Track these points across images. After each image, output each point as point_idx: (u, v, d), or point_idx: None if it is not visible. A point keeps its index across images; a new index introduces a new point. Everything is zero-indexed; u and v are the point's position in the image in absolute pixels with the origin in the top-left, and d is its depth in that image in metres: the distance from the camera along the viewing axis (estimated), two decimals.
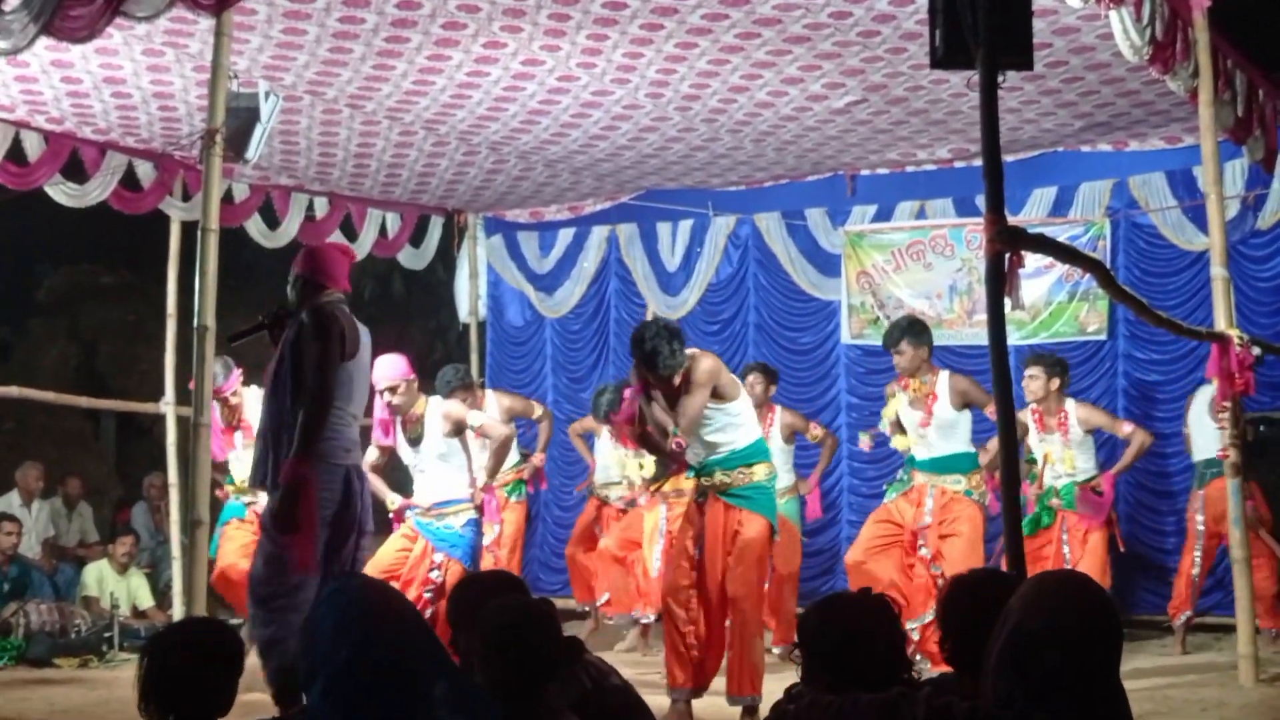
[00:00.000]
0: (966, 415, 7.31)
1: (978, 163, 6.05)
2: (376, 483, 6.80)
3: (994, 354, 4.61)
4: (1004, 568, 4.52)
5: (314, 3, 6.40)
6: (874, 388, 9.20)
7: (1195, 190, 8.73)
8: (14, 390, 9.55)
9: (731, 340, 10.58)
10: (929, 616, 6.81)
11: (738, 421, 6.16)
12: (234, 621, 8.80)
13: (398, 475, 7.26)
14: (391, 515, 6.96)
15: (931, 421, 7.24)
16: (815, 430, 8.70)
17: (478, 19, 6.64)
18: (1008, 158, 7.59)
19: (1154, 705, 6.14)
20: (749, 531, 6.03)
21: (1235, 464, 6.65)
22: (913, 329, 7.43)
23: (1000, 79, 4.58)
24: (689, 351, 6.09)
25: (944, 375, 7.37)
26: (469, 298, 11.60)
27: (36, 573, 8.99)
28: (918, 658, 6.66)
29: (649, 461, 7.97)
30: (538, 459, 9.01)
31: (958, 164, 9.60)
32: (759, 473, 6.14)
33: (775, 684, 3.18)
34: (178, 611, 7.83)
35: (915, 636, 6.87)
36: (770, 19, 6.68)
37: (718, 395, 6.07)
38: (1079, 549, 7.79)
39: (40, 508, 10.14)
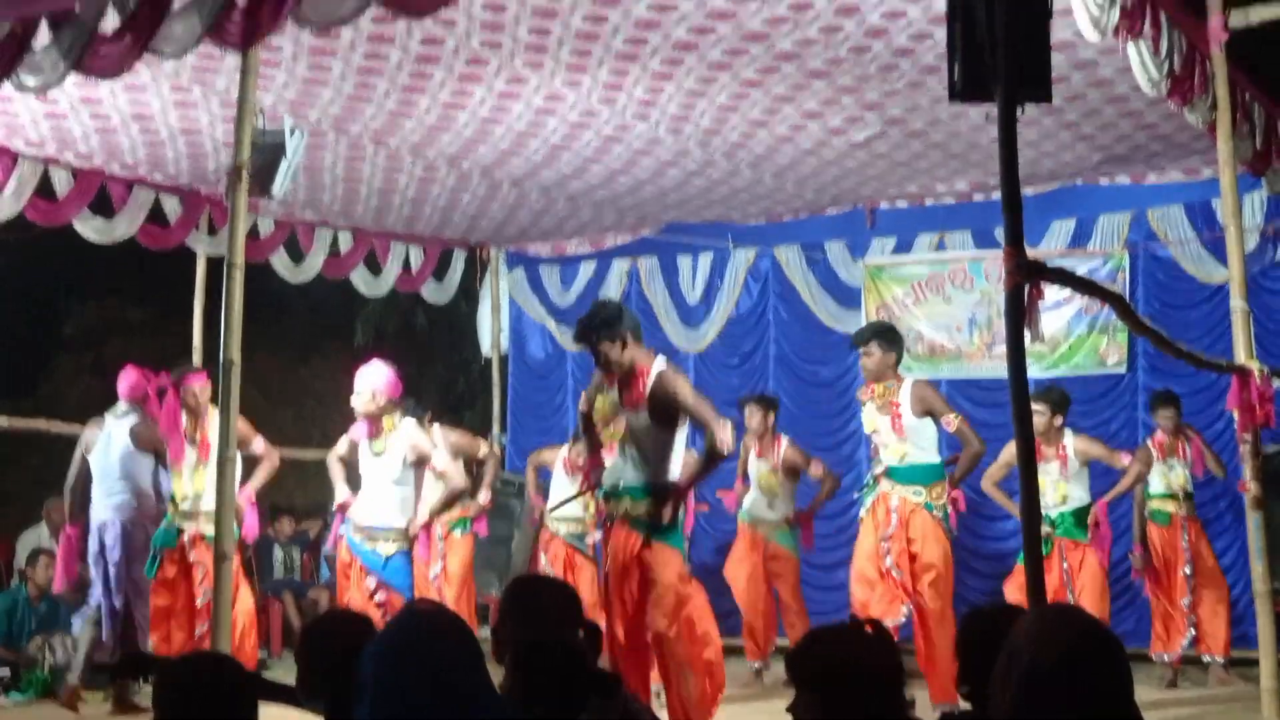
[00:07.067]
0: (929, 422, 7.29)
1: (996, 195, 6.08)
2: (335, 473, 7.12)
3: (1014, 387, 4.60)
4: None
5: (339, 40, 6.47)
6: None
7: (1214, 223, 8.74)
8: (41, 423, 9.65)
9: (752, 373, 10.60)
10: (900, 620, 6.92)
11: (676, 457, 5.90)
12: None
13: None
14: (335, 509, 7.09)
15: (899, 426, 7.24)
16: (816, 469, 8.67)
17: (500, 55, 6.70)
18: (1027, 190, 7.55)
19: None
20: (666, 570, 5.74)
21: (1256, 497, 6.63)
22: (885, 333, 7.48)
23: (1019, 112, 4.60)
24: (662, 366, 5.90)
25: (907, 382, 7.39)
26: (491, 331, 11.66)
27: (64, 607, 9.02)
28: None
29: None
30: (483, 498, 8.81)
31: (977, 197, 9.61)
32: (660, 511, 5.80)
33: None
34: None
35: None
36: (790, 54, 6.72)
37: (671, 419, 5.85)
38: (1077, 574, 7.80)
39: None
